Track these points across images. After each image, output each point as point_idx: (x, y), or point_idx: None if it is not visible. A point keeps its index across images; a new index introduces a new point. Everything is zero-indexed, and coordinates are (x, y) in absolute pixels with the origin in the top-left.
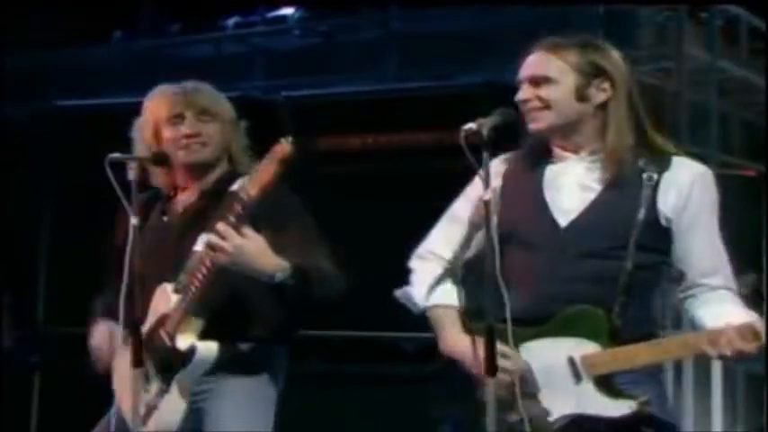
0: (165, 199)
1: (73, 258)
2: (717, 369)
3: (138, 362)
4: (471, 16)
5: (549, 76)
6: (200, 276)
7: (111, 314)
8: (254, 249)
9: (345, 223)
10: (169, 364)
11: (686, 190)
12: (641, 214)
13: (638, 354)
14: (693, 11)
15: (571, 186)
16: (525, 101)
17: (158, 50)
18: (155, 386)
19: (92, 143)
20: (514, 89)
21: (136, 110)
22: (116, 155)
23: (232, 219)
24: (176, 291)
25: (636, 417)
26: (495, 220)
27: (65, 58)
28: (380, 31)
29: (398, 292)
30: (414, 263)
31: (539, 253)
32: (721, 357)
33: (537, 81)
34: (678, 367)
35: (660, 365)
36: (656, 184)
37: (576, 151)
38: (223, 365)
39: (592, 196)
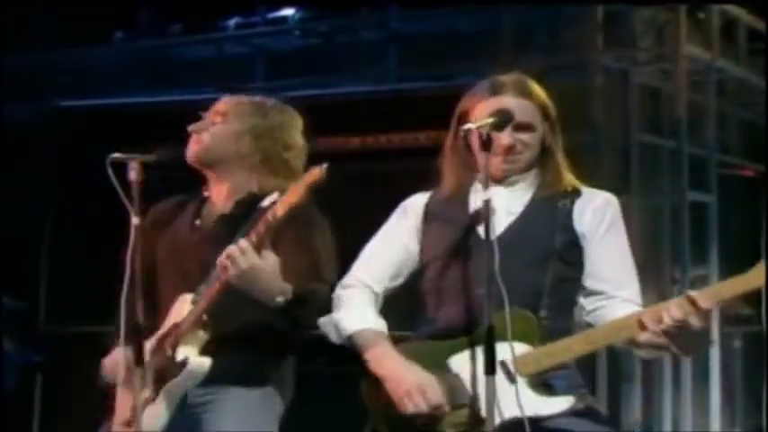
0: (201, 201)
1: (73, 258)
2: (715, 370)
3: (138, 360)
4: (471, 16)
5: (533, 124)
6: (212, 290)
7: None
8: (266, 271)
9: (345, 223)
10: (164, 373)
11: (601, 211)
12: (559, 231)
13: (569, 347)
14: (692, 11)
15: (498, 211)
16: (511, 147)
17: (159, 51)
18: (147, 393)
19: (92, 143)
20: None
21: (137, 110)
22: (117, 155)
23: (254, 237)
24: (193, 302)
25: (576, 411)
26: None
27: (65, 58)
28: (380, 31)
29: (323, 320)
30: (340, 292)
31: (467, 268)
32: (664, 333)
33: (522, 127)
34: (677, 368)
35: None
36: (571, 209)
37: (501, 181)
38: (225, 377)
39: (513, 218)
